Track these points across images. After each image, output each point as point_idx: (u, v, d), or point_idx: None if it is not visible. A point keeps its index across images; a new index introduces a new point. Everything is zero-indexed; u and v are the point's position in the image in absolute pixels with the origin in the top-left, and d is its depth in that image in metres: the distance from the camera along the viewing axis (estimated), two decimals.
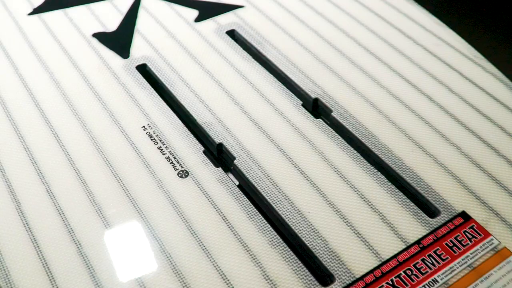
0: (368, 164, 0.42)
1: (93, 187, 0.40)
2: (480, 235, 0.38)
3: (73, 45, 0.52)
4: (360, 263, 0.36)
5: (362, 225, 0.38)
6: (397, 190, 0.40)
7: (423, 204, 0.40)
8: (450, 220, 0.39)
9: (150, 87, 0.48)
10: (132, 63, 0.51)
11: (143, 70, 0.50)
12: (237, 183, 0.42)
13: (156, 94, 0.48)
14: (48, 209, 0.39)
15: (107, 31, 0.54)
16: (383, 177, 0.41)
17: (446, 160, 0.42)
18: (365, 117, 0.46)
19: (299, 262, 0.36)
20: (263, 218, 0.39)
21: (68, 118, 0.45)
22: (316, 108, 0.48)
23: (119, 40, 0.53)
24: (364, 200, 0.40)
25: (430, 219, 0.39)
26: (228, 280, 0.35)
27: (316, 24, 0.55)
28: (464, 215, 0.39)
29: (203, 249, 0.37)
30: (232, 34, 0.54)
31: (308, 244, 0.37)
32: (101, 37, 0.53)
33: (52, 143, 0.43)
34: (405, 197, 0.40)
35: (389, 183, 0.41)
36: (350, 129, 0.45)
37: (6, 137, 0.44)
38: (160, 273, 0.35)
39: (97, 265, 0.36)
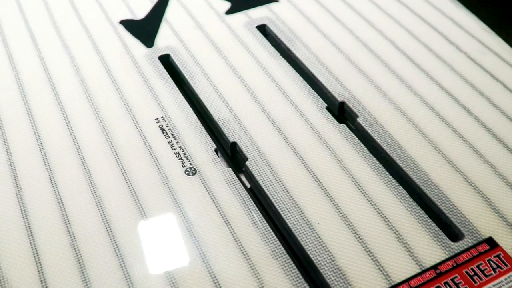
0: (390, 177, 0.39)
1: (96, 178, 0.39)
2: (506, 265, 0.34)
3: (98, 30, 0.51)
4: (368, 284, 0.33)
5: (375, 243, 0.35)
6: (418, 208, 0.37)
7: (445, 225, 0.37)
8: (474, 246, 0.35)
9: (170, 78, 0.46)
10: (156, 53, 0.49)
11: (166, 60, 0.48)
12: (248, 185, 0.40)
13: (175, 86, 0.46)
14: (47, 197, 0.38)
15: (135, 18, 0.53)
16: (404, 192, 0.38)
17: (478, 179, 0.38)
18: (393, 125, 0.42)
19: (300, 276, 0.33)
20: (267, 225, 0.36)
21: (82, 104, 0.44)
22: (342, 112, 0.45)
23: (145, 28, 0.51)
24: (381, 216, 0.36)
25: (452, 243, 0.35)
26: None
27: (352, 23, 0.52)
28: (490, 242, 0.35)
29: (200, 253, 0.34)
30: (262, 29, 0.52)
31: (313, 258, 0.34)
32: (127, 24, 0.52)
33: (62, 129, 0.42)
34: (427, 216, 0.36)
35: (411, 199, 0.37)
36: (375, 137, 0.41)
37: (18, 120, 0.43)
38: (151, 273, 0.33)
39: (88, 260, 0.34)
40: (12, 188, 0.38)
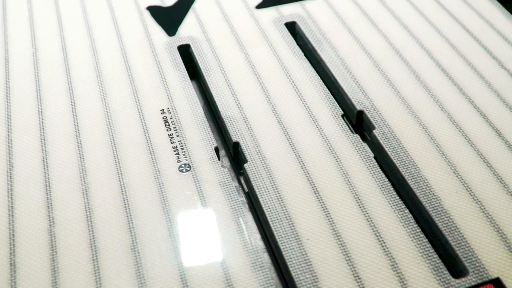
0: (397, 197, 0.35)
1: (88, 164, 0.37)
2: None
3: (124, 14, 0.50)
4: None
5: (366, 268, 0.32)
6: (422, 235, 0.33)
7: (449, 258, 0.33)
8: (478, 286, 0.31)
9: (185, 69, 0.45)
10: (176, 42, 0.47)
11: (185, 51, 0.47)
12: (246, 189, 0.38)
13: (188, 78, 0.44)
14: (36, 179, 0.37)
15: (163, 5, 0.51)
16: (410, 216, 0.34)
17: (497, 211, 0.34)
18: (412, 142, 0.39)
19: None
20: (253, 234, 0.33)
21: (92, 87, 0.43)
22: (359, 122, 0.41)
23: (171, 16, 0.50)
24: (378, 239, 0.33)
25: (453, 279, 0.31)
26: None
27: (389, 28, 0.48)
28: (497, 283, 0.31)
29: (175, 255, 0.32)
30: (291, 26, 0.49)
31: (294, 276, 0.32)
32: (154, 10, 0.51)
33: (66, 110, 0.41)
34: (430, 245, 0.33)
35: (415, 225, 0.34)
36: (389, 153, 0.38)
37: (25, 97, 0.42)
38: (122, 270, 0.32)
39: (61, 248, 0.33)
40: (4, 165, 0.38)
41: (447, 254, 0.33)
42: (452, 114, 0.40)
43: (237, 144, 0.39)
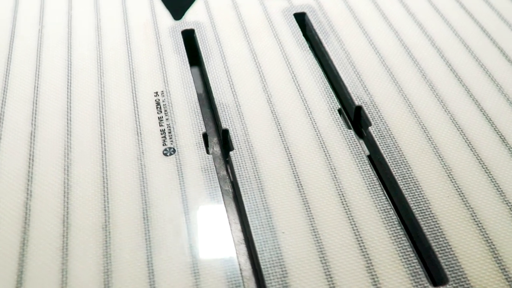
0: (384, 197, 0.33)
1: (74, 141, 0.37)
2: None
3: None
4: None
5: (338, 266, 0.30)
6: (404, 238, 0.31)
7: (431, 264, 0.31)
8: None
9: (185, 54, 0.44)
10: (181, 27, 0.47)
11: (188, 36, 0.46)
12: (232, 178, 0.37)
13: (188, 63, 0.43)
14: (21, 152, 0.36)
15: None
16: (394, 217, 0.33)
17: (488, 220, 0.32)
18: (408, 141, 0.37)
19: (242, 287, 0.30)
20: (227, 223, 0.32)
21: (90, 65, 0.43)
22: (358, 117, 0.40)
23: (180, 0, 0.49)
24: (356, 238, 0.31)
25: (431, 287, 0.29)
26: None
27: (401, 24, 0.46)
28: None
29: (146, 240, 0.32)
30: (300, 17, 0.48)
31: (263, 270, 0.30)
32: None
33: (61, 87, 0.41)
34: (411, 249, 0.31)
35: (399, 227, 0.32)
36: (382, 150, 0.36)
37: (24, 71, 0.43)
38: (90, 249, 0.31)
39: (34, 221, 0.32)
40: None
41: (430, 260, 0.31)
42: (455, 116, 0.38)
43: (226, 132, 0.38)
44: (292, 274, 0.30)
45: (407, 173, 0.35)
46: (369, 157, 0.38)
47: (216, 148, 0.40)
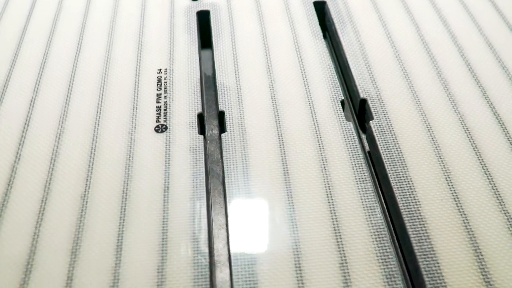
0: (372, 194, 0.32)
1: (71, 110, 0.37)
2: None
3: None
4: None
5: (312, 260, 0.29)
6: (386, 238, 0.30)
7: (411, 268, 0.29)
8: None
9: (196, 35, 0.43)
10: (197, 7, 0.46)
11: (203, 17, 0.45)
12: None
13: (197, 43, 0.42)
14: (19, 117, 0.37)
15: None
16: (380, 216, 0.31)
17: (481, 229, 0.30)
18: (409, 139, 0.35)
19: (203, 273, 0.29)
20: (205, 204, 0.31)
21: (100, 36, 0.43)
22: (362, 111, 0.38)
23: None
24: (335, 233, 0.30)
25: None
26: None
27: (424, 18, 0.44)
28: None
29: (120, 213, 0.31)
30: (320, 5, 0.46)
31: (233, 256, 0.29)
32: None
33: (70, 56, 0.41)
34: (391, 249, 0.29)
35: (382, 226, 0.30)
36: (380, 146, 0.34)
37: (37, 39, 0.43)
38: (65, 212, 0.31)
39: (17, 185, 0.33)
40: None
41: (410, 262, 0.29)
42: (465, 117, 0.36)
43: (222, 114, 0.37)
44: (260, 263, 0.29)
45: (402, 172, 0.33)
46: (369, 152, 0.36)
47: (215, 131, 0.39)
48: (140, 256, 0.29)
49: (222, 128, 0.38)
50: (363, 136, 0.38)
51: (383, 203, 0.33)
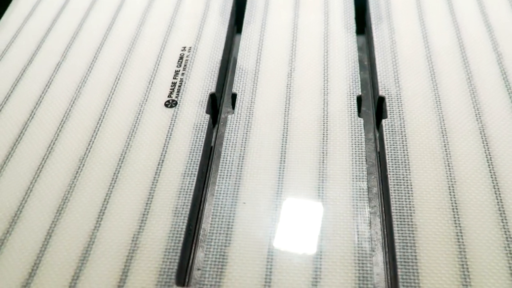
0: (365, 195, 0.30)
1: (91, 78, 0.38)
2: None
3: None
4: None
5: (284, 252, 0.28)
6: (367, 240, 0.28)
7: (392, 273, 0.28)
8: None
9: (229, 17, 0.43)
10: None
11: (242, 2, 0.45)
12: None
13: (227, 26, 0.42)
14: (41, 79, 0.38)
15: None
16: (366, 215, 0.29)
17: (474, 243, 0.28)
18: (419, 143, 0.33)
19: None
20: (192, 185, 0.31)
21: (135, 14, 0.44)
22: (380, 108, 0.36)
23: None
24: (320, 228, 0.29)
25: None
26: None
27: (467, 20, 0.41)
28: None
29: (112, 180, 0.32)
30: (363, 0, 0.45)
31: (208, 234, 0.29)
32: None
33: (103, 28, 0.43)
34: (369, 253, 0.28)
35: (367, 227, 0.29)
36: (387, 146, 0.33)
37: (77, 12, 0.45)
38: (57, 177, 0.32)
39: (24, 141, 0.34)
40: (25, 64, 0.40)
41: (392, 270, 0.28)
42: (485, 128, 0.33)
43: (234, 96, 0.37)
44: (234, 245, 0.28)
45: (403, 175, 0.31)
46: (379, 152, 0.35)
47: (229, 110, 0.39)
48: (119, 222, 0.29)
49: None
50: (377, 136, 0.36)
51: (379, 205, 0.31)
